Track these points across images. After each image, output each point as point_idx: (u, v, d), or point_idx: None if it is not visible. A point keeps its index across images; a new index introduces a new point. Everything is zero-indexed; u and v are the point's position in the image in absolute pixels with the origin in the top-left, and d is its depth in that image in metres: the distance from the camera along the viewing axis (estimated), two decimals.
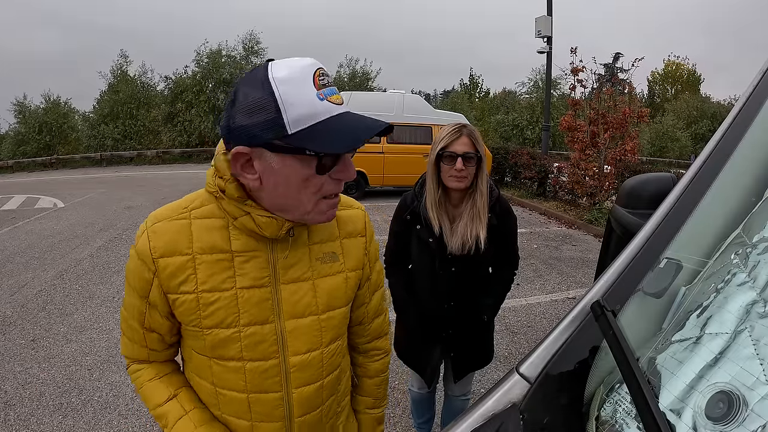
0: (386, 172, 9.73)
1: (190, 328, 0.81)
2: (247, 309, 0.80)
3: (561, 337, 0.65)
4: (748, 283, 0.51)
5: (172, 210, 0.82)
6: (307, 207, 0.76)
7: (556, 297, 4.37)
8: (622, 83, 9.83)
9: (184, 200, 0.84)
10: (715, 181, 0.68)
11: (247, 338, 0.81)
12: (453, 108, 22.94)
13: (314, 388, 0.88)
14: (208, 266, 0.79)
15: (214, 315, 0.79)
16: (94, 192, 11.17)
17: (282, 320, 0.83)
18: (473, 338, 1.81)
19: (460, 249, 1.60)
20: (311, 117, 0.68)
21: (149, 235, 0.79)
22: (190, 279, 0.78)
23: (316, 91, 0.69)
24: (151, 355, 0.89)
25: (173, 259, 0.78)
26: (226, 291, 0.79)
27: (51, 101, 21.22)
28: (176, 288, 0.79)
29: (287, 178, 0.73)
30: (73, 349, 3.32)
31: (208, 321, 0.79)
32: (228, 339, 0.80)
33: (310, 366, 0.86)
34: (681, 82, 34.11)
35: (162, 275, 0.78)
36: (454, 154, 1.54)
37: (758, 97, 0.73)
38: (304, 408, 0.87)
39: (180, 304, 0.79)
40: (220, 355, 0.82)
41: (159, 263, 0.78)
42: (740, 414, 0.43)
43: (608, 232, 1.12)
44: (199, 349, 0.83)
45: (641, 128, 13.21)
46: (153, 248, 0.78)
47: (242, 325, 0.80)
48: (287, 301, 0.83)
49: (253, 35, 22.83)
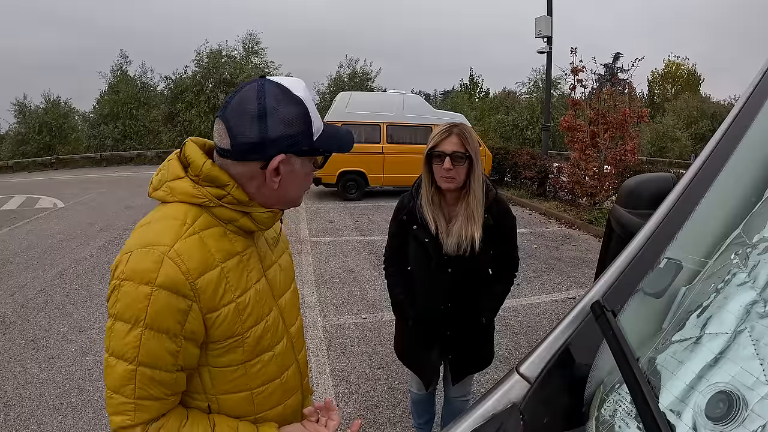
0: (386, 172, 9.74)
1: (230, 340, 0.81)
2: (263, 300, 0.89)
3: (561, 337, 0.65)
4: (748, 283, 0.51)
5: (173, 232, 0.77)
6: (301, 195, 0.92)
7: (556, 297, 4.37)
8: (622, 83, 9.82)
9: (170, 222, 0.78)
10: (715, 181, 0.68)
11: (271, 326, 0.90)
12: (453, 108, 22.93)
13: (302, 344, 1.04)
14: (234, 272, 0.83)
15: (251, 316, 0.85)
16: (94, 192, 11.17)
17: (276, 300, 0.94)
18: (472, 340, 1.79)
19: (456, 249, 1.59)
20: (320, 127, 0.85)
21: (174, 259, 0.73)
22: (229, 289, 0.80)
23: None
24: (165, 406, 0.77)
25: (209, 275, 0.77)
26: (250, 290, 0.86)
27: (51, 101, 21.20)
28: (218, 304, 0.78)
29: (301, 177, 0.87)
30: (73, 349, 3.32)
31: (248, 323, 0.84)
32: (263, 332, 0.88)
33: (299, 331, 1.02)
34: (681, 82, 34.11)
35: (203, 297, 0.76)
36: (443, 153, 1.54)
37: (758, 97, 0.73)
38: (304, 365, 1.03)
39: (222, 319, 0.79)
40: (256, 352, 0.87)
41: (199, 286, 0.75)
42: (740, 414, 0.43)
43: (608, 232, 1.12)
44: (234, 360, 0.83)
45: (641, 128, 13.22)
46: (189, 272, 0.74)
47: (265, 315, 0.89)
48: (273, 283, 0.94)
49: (253, 35, 22.84)
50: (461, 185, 1.58)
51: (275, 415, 0.93)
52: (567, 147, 10.00)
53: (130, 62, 22.18)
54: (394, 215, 1.77)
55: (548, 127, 12.25)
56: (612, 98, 8.14)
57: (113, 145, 20.80)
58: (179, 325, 0.74)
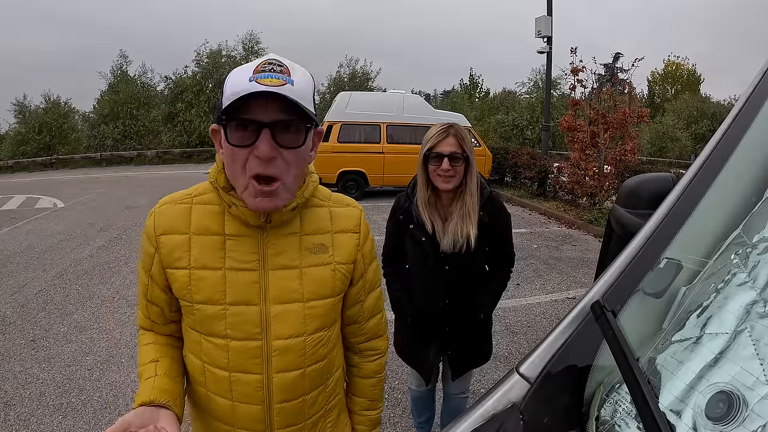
0: (386, 172, 9.74)
1: (183, 302, 0.89)
2: (234, 289, 0.86)
3: (561, 337, 0.65)
4: (748, 283, 0.51)
5: (177, 196, 0.92)
6: (242, 184, 0.82)
7: (556, 297, 4.37)
8: (622, 83, 9.82)
9: (190, 189, 0.94)
10: (715, 181, 0.68)
11: (232, 317, 0.86)
12: (453, 108, 22.91)
13: (295, 375, 0.90)
14: (201, 246, 0.87)
15: (202, 291, 0.86)
16: (94, 192, 11.17)
17: (267, 304, 0.88)
18: (470, 336, 1.81)
19: (452, 248, 1.61)
20: (235, 94, 0.75)
21: (155, 215, 0.90)
22: (185, 256, 0.87)
23: (251, 75, 0.76)
24: (153, 327, 0.97)
25: (172, 237, 0.88)
26: (215, 270, 0.86)
27: (51, 101, 21.21)
28: (173, 263, 0.88)
29: (225, 149, 0.81)
30: (73, 349, 3.32)
31: (197, 296, 0.87)
32: (214, 315, 0.86)
33: (291, 351, 0.89)
34: (681, 82, 34.11)
35: (162, 251, 0.88)
36: (441, 154, 1.55)
37: (758, 97, 0.73)
38: (283, 394, 0.90)
39: (175, 279, 0.88)
40: (208, 330, 0.88)
41: (160, 240, 0.88)
42: (740, 414, 0.43)
43: (608, 232, 1.12)
44: (191, 324, 0.90)
45: (641, 128, 13.21)
46: (156, 227, 0.89)
47: (228, 303, 0.86)
48: (274, 285, 0.88)
49: (253, 35, 22.86)
50: (458, 185, 1.60)
51: (222, 408, 0.90)
52: (567, 147, 10.01)
53: (130, 62, 22.23)
54: (391, 215, 1.80)
55: (548, 127, 12.24)
56: (612, 98, 8.14)
57: (113, 145, 20.80)
58: (148, 265, 0.91)
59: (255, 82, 0.75)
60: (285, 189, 0.83)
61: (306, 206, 0.93)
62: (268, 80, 0.76)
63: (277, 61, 0.80)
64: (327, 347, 0.95)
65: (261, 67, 0.78)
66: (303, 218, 0.93)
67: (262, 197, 0.81)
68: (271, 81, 0.76)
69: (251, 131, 0.77)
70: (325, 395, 0.98)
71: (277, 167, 0.80)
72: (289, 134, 0.80)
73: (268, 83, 0.75)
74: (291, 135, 0.80)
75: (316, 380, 0.94)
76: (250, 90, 0.74)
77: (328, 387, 0.98)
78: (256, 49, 22.79)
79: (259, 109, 0.77)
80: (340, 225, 0.97)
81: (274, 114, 0.77)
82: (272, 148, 0.77)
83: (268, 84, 0.75)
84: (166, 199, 0.92)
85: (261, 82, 0.75)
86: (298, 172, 0.85)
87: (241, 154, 0.79)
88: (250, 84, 0.75)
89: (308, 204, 0.94)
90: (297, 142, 0.81)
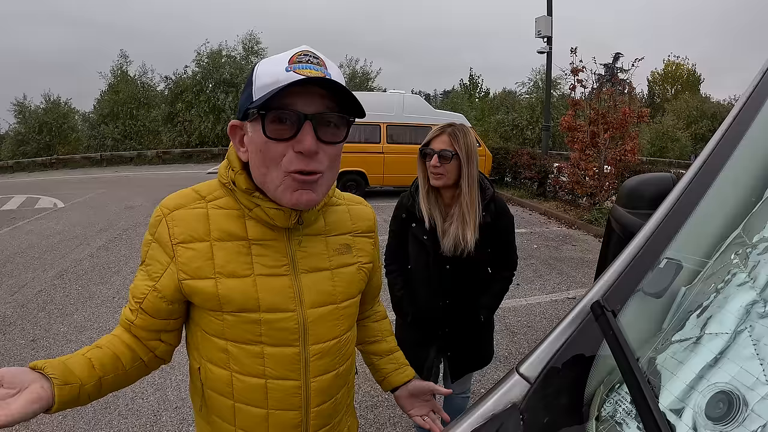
0: (386, 172, 9.73)
1: (209, 312, 0.82)
2: (268, 295, 0.81)
3: (561, 337, 0.65)
4: (748, 283, 0.51)
5: (187, 198, 0.84)
6: (275, 180, 0.75)
7: (556, 297, 4.37)
8: (622, 83, 9.82)
9: (196, 190, 0.85)
10: (715, 181, 0.68)
11: (267, 324, 0.81)
12: (453, 108, 22.93)
13: (331, 377, 0.88)
14: (226, 253, 0.80)
15: (233, 301, 0.80)
16: (94, 192, 11.17)
17: (304, 309, 0.84)
18: (470, 338, 1.81)
19: (453, 250, 1.62)
20: (272, 85, 0.70)
21: (168, 222, 0.81)
22: (208, 265, 0.80)
23: (287, 65, 0.71)
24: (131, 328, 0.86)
25: (192, 245, 0.80)
26: (245, 277, 0.81)
27: (51, 101, 21.24)
28: (195, 274, 0.80)
29: (255, 145, 0.75)
30: (73, 349, 3.29)
31: (228, 306, 0.80)
32: (248, 323, 0.81)
33: (329, 354, 0.87)
34: (681, 82, 34.11)
35: (180, 260, 0.80)
36: (432, 150, 1.59)
37: (758, 97, 0.73)
38: (321, 397, 0.88)
39: (199, 290, 0.80)
40: (240, 338, 0.82)
41: (177, 249, 0.80)
42: (740, 414, 0.43)
43: (608, 232, 1.12)
44: (216, 332, 0.83)
45: (641, 128, 13.21)
46: (173, 235, 0.80)
47: (263, 311, 0.81)
48: (309, 289, 0.84)
49: (252, 35, 22.86)
50: (452, 183, 1.61)
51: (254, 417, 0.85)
52: (567, 147, 10.00)
53: (130, 62, 22.31)
54: (394, 214, 1.81)
55: (548, 127, 12.24)
56: (612, 98, 8.13)
57: (113, 145, 20.83)
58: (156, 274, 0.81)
59: (293, 72, 0.70)
60: (324, 183, 0.79)
61: (327, 205, 0.91)
62: (307, 71, 0.71)
63: (312, 53, 0.75)
64: (353, 344, 0.95)
65: (297, 57, 0.72)
66: (326, 218, 0.90)
67: (302, 190, 0.75)
68: (311, 72, 0.71)
69: (290, 124, 0.72)
70: (347, 390, 0.97)
71: (319, 162, 0.75)
72: (331, 128, 0.75)
73: (308, 74, 0.70)
74: (332, 129, 0.75)
75: (345, 378, 0.93)
76: (291, 79, 0.69)
77: (349, 382, 0.98)
78: (256, 49, 22.81)
79: (300, 101, 0.71)
80: (360, 225, 0.96)
81: (316, 105, 0.72)
82: (316, 141, 0.73)
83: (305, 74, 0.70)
84: (177, 202, 0.83)
85: (300, 72, 0.70)
86: (335, 168, 0.80)
87: (278, 148, 0.73)
88: (289, 74, 0.70)
89: (329, 203, 0.91)
90: (339, 137, 0.76)
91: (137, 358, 0.87)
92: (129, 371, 0.85)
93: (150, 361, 0.89)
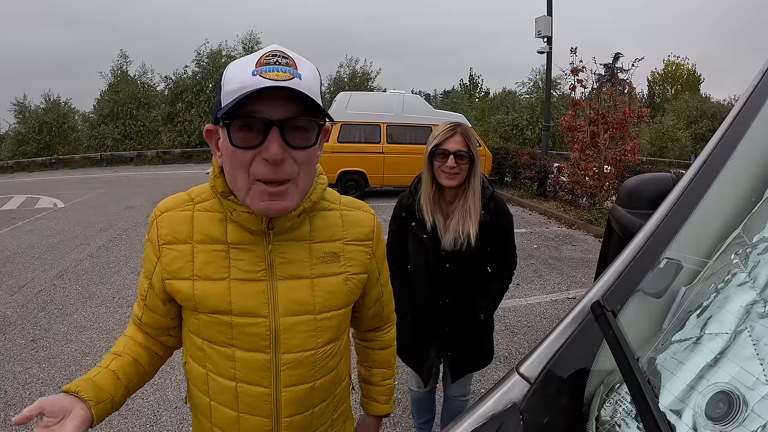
0: (386, 172, 9.74)
1: (189, 311, 0.86)
2: (240, 300, 0.81)
3: (561, 337, 0.65)
4: (748, 283, 0.51)
5: (177, 201, 0.87)
6: (243, 187, 0.75)
7: (556, 297, 4.37)
8: (622, 83, 9.82)
9: (189, 192, 0.89)
10: (715, 181, 0.68)
11: (237, 327, 0.82)
12: (453, 108, 22.91)
13: (305, 389, 0.86)
14: (205, 255, 0.82)
15: (207, 302, 0.82)
16: (94, 192, 11.17)
17: (277, 316, 0.82)
18: (470, 338, 1.81)
19: (453, 245, 1.62)
20: (237, 91, 0.69)
21: (158, 223, 0.85)
22: (187, 266, 0.83)
23: (254, 69, 0.70)
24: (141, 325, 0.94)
25: (176, 246, 0.83)
26: (219, 281, 0.82)
27: (51, 101, 21.21)
28: (175, 274, 0.83)
29: (225, 151, 0.75)
30: (73, 349, 3.31)
31: (202, 307, 0.83)
32: (222, 324, 0.82)
33: (302, 365, 0.85)
34: (681, 82, 34.12)
35: (163, 261, 0.84)
36: (447, 151, 1.57)
37: (758, 97, 0.73)
38: (292, 408, 0.86)
39: (178, 290, 0.83)
40: (213, 338, 0.84)
41: (162, 250, 0.84)
42: (740, 414, 0.43)
43: (608, 232, 1.12)
44: (194, 330, 0.86)
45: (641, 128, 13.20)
46: (160, 236, 0.84)
47: (234, 314, 0.82)
48: (284, 297, 0.83)
49: (252, 35, 22.87)
50: (462, 182, 1.61)
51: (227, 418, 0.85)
52: (567, 147, 10.00)
53: (130, 62, 22.23)
54: (394, 213, 1.81)
55: (548, 127, 12.24)
56: (612, 98, 8.14)
57: (113, 145, 20.81)
58: (150, 272, 0.87)
59: (259, 76, 0.68)
60: (296, 189, 0.76)
61: (315, 210, 0.87)
62: (274, 74, 0.69)
63: (282, 52, 0.72)
64: (336, 358, 0.91)
65: (264, 59, 0.70)
66: (313, 224, 0.86)
67: (270, 199, 0.74)
68: (278, 75, 0.69)
69: (256, 131, 0.70)
70: (333, 405, 0.94)
71: (287, 170, 0.73)
72: (300, 133, 0.72)
73: (275, 77, 0.68)
74: (301, 134, 0.73)
75: (325, 392, 0.91)
76: (256, 86, 0.67)
77: (335, 397, 0.95)
78: (256, 49, 22.70)
79: (265, 107, 0.69)
80: (352, 232, 0.91)
81: (283, 111, 0.70)
82: (282, 148, 0.71)
83: (275, 78, 0.68)
84: (168, 205, 0.86)
85: (266, 76, 0.68)
86: (309, 173, 0.78)
87: (245, 156, 0.72)
88: (255, 79, 0.68)
89: (317, 207, 0.87)
90: (308, 141, 0.74)
91: (153, 355, 0.94)
92: (149, 369, 0.93)
93: (165, 353, 0.97)
